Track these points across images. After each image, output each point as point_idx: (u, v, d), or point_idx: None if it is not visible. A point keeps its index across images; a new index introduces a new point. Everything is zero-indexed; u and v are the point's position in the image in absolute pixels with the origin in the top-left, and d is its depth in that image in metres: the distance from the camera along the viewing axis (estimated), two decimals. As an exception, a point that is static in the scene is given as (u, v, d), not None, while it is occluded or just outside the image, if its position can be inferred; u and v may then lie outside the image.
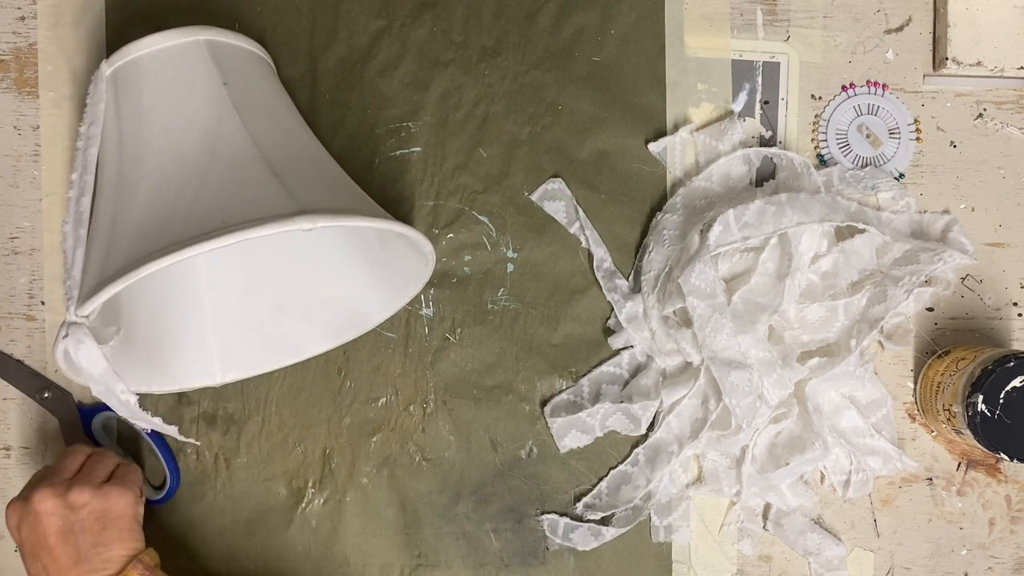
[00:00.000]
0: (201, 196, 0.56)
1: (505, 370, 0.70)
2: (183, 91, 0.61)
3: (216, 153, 0.58)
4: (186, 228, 0.54)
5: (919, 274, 0.66)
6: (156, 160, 0.58)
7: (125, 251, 0.54)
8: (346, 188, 0.63)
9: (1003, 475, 0.71)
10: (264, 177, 0.58)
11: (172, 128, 0.60)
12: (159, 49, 0.62)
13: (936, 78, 0.73)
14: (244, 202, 0.56)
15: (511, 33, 0.72)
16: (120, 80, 0.62)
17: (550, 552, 0.70)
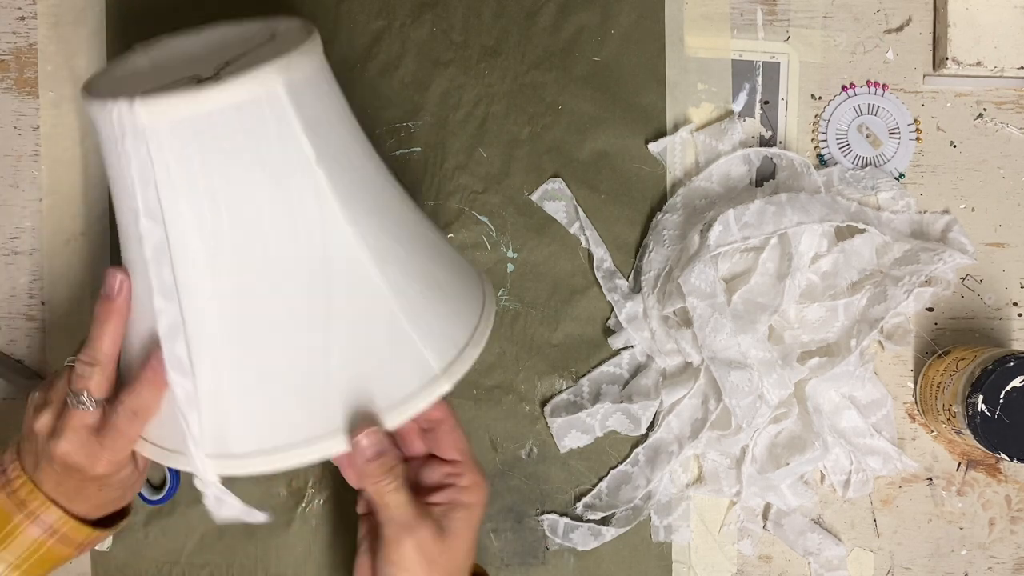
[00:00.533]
0: (334, 366, 0.47)
1: (505, 370, 0.70)
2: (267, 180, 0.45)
3: (333, 290, 0.47)
4: (328, 415, 0.47)
5: (919, 274, 0.66)
6: (259, 294, 0.46)
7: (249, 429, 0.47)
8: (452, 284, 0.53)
9: (1003, 475, 0.71)
10: (396, 324, 0.49)
11: (267, 243, 0.46)
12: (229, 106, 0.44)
13: (936, 78, 0.73)
14: (379, 366, 0.48)
15: (511, 33, 0.72)
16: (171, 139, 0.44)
17: (550, 552, 0.70)
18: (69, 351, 0.70)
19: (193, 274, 0.46)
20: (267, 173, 0.45)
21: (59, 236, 0.71)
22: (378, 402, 0.49)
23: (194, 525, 0.69)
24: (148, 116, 0.43)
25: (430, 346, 0.50)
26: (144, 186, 0.44)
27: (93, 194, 0.70)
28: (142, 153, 0.44)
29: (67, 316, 0.70)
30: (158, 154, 0.44)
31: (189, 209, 0.45)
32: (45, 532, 0.52)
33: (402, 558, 0.50)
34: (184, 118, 0.43)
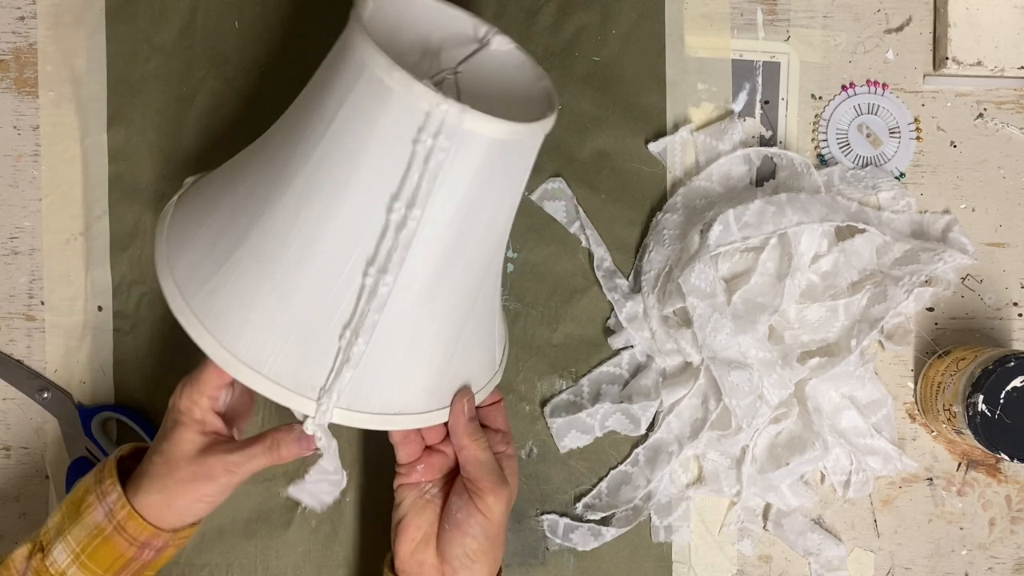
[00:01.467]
0: (457, 355, 0.55)
1: (505, 370, 0.70)
2: (508, 199, 0.53)
3: (481, 291, 0.55)
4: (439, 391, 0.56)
5: (919, 274, 0.66)
6: (458, 285, 0.53)
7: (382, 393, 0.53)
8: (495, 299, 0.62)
9: (1003, 475, 0.71)
10: (494, 325, 0.58)
11: (485, 244, 0.53)
12: (518, 139, 0.50)
13: (936, 78, 0.73)
14: (479, 361, 0.58)
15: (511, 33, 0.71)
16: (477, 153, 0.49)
17: (550, 552, 0.70)
18: (68, 351, 0.70)
19: (416, 260, 0.50)
20: (508, 192, 0.53)
21: (59, 236, 0.71)
22: (472, 383, 0.58)
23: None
24: (472, 126, 0.48)
25: (500, 343, 0.61)
26: (421, 176, 0.48)
27: (93, 194, 0.70)
28: (443, 151, 0.48)
29: (67, 316, 0.70)
30: (459, 156, 0.48)
31: (447, 205, 0.50)
32: (105, 516, 0.55)
33: (492, 507, 0.57)
34: (492, 137, 0.49)
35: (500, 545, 0.59)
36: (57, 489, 0.70)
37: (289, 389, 0.52)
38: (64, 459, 0.69)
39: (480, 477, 0.57)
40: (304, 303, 0.51)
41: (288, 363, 0.52)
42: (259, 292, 0.52)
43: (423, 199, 0.48)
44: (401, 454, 0.61)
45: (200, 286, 0.53)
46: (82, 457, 0.69)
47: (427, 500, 0.60)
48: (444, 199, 0.49)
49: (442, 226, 0.50)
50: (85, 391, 0.70)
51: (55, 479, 0.70)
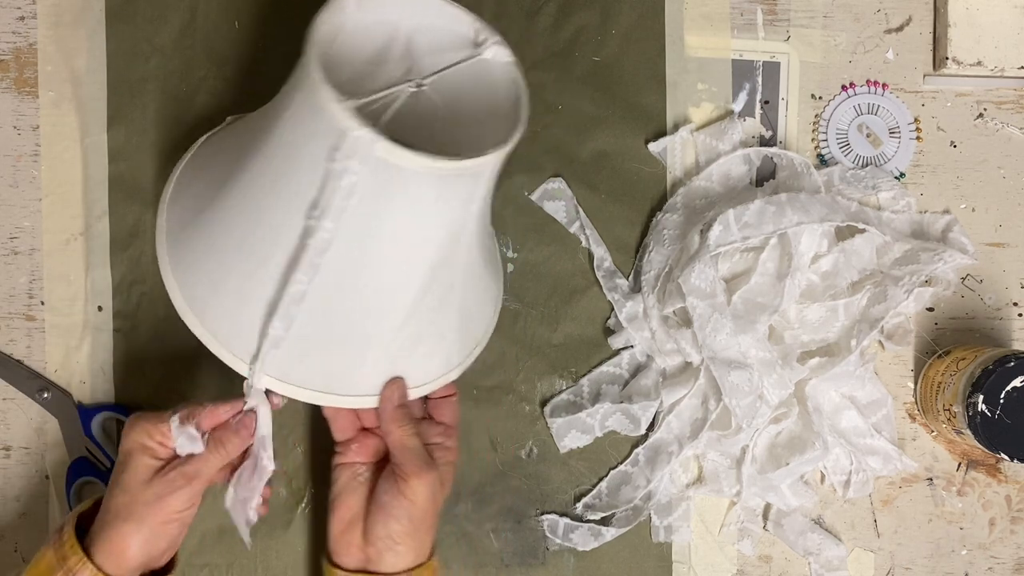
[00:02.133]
0: (394, 348, 0.57)
1: (505, 370, 0.70)
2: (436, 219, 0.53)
3: (427, 296, 0.56)
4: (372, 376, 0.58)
5: (919, 274, 0.66)
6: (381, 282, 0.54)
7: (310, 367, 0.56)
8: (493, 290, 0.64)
9: (1003, 475, 0.71)
10: (450, 329, 0.59)
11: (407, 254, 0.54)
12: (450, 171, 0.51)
13: (936, 78, 0.73)
14: (424, 357, 0.59)
15: (511, 33, 0.72)
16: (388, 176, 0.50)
17: (550, 552, 0.70)
18: (68, 351, 0.70)
19: (334, 265, 0.52)
20: (437, 215, 0.52)
21: (59, 236, 0.71)
22: (411, 377, 0.59)
23: (194, 525, 0.69)
24: (385, 155, 0.48)
25: (459, 346, 0.61)
26: (337, 194, 0.50)
27: (93, 194, 0.70)
28: (355, 173, 0.49)
29: (67, 316, 0.70)
30: (367, 180, 0.49)
31: (361, 218, 0.51)
32: None
33: (416, 490, 0.58)
34: (407, 168, 0.49)
35: (426, 530, 0.59)
36: (57, 489, 0.70)
37: (224, 347, 0.56)
38: (64, 459, 0.69)
39: (405, 461, 0.58)
40: (241, 277, 0.55)
41: (228, 326, 0.56)
42: (208, 261, 0.57)
43: (336, 214, 0.50)
44: (335, 431, 0.63)
45: (178, 247, 0.59)
46: (82, 457, 0.69)
47: (360, 482, 0.61)
48: (359, 215, 0.51)
49: (358, 239, 0.52)
50: (85, 391, 0.70)
51: (55, 479, 0.70)
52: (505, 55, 0.58)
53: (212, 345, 0.57)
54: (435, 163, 0.49)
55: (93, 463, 0.69)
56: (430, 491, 0.58)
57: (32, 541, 0.70)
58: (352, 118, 0.48)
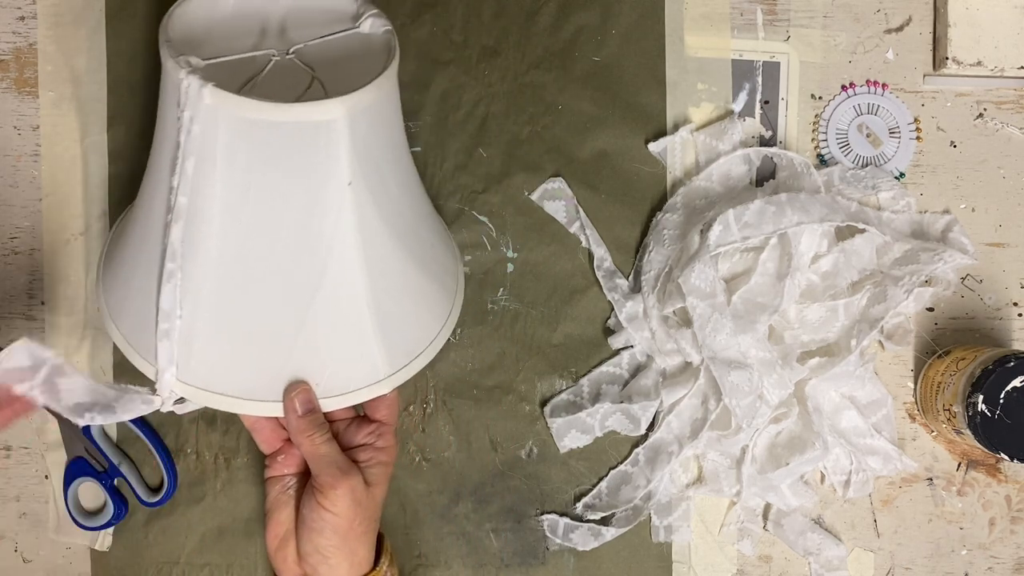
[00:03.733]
0: (298, 347, 0.54)
1: (505, 370, 0.70)
2: (300, 187, 0.49)
3: (321, 286, 0.52)
4: (279, 380, 0.54)
5: (919, 274, 0.66)
6: (259, 266, 0.51)
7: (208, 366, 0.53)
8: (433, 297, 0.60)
9: (1003, 475, 0.71)
10: (364, 329, 0.54)
11: (280, 235, 0.51)
12: (287, 123, 0.47)
13: (936, 78, 0.73)
14: (337, 360, 0.55)
15: (511, 33, 0.72)
16: (225, 129, 0.48)
17: (550, 552, 0.70)
18: (68, 351, 0.70)
19: (201, 235, 0.50)
20: (301, 182, 0.49)
21: (59, 236, 0.71)
22: (324, 385, 0.55)
23: (194, 525, 0.69)
24: (214, 102, 0.46)
25: (386, 353, 0.56)
26: (188, 155, 0.48)
27: (93, 194, 0.70)
28: (196, 129, 0.47)
29: (67, 316, 0.70)
30: (210, 134, 0.47)
31: (222, 186, 0.49)
32: None
33: (335, 501, 0.55)
34: (244, 118, 0.47)
35: (357, 538, 0.57)
36: (57, 489, 0.70)
37: (136, 352, 0.55)
38: (64, 459, 0.69)
39: (318, 472, 0.56)
40: (141, 277, 0.54)
41: (136, 327, 0.55)
42: (121, 265, 0.56)
43: (186, 174, 0.48)
44: (259, 442, 0.61)
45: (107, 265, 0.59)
46: (80, 457, 0.69)
47: (289, 495, 0.60)
48: (209, 177, 0.48)
49: (222, 209, 0.49)
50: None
51: (55, 479, 0.70)
52: (381, 24, 0.56)
53: (125, 349, 0.55)
54: (265, 107, 0.46)
55: (90, 463, 0.69)
56: (350, 499, 0.56)
57: (32, 541, 0.70)
58: (183, 69, 0.46)
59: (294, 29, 0.58)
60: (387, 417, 0.61)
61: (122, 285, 0.56)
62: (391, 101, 0.54)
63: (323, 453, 0.56)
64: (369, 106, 0.50)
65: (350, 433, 0.61)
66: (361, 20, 0.56)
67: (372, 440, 0.60)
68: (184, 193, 0.49)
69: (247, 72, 0.56)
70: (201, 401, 0.54)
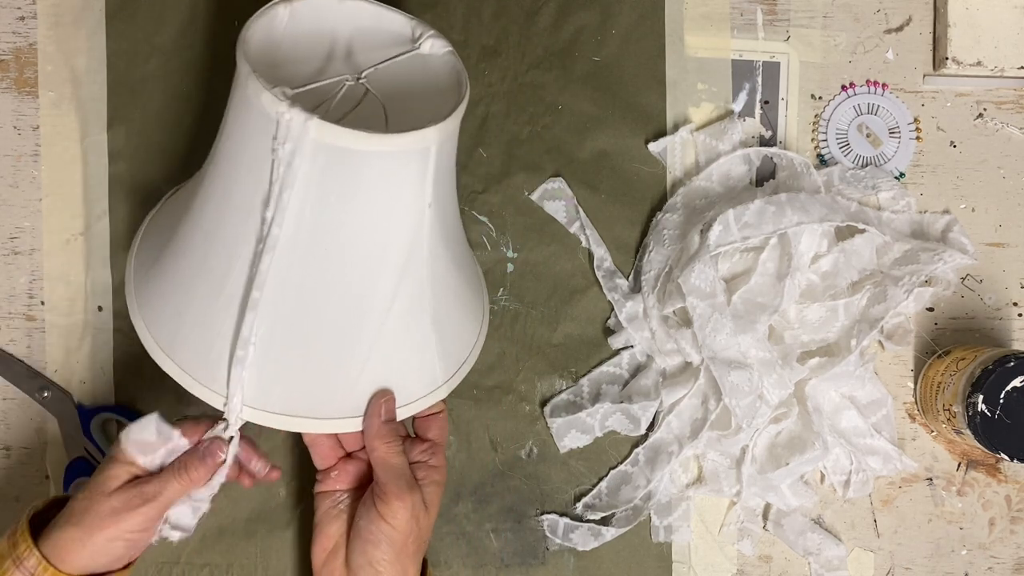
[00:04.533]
0: (370, 364, 0.54)
1: (505, 370, 0.70)
2: (387, 211, 0.51)
3: (396, 301, 0.54)
4: (352, 396, 0.55)
5: (919, 274, 0.66)
6: (338, 288, 0.52)
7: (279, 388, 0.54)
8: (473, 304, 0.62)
9: (1003, 475, 0.71)
10: (427, 340, 0.56)
11: (360, 257, 0.52)
12: (389, 152, 0.49)
13: (936, 78, 0.73)
14: (404, 372, 0.56)
15: (511, 33, 0.72)
16: (326, 160, 0.49)
17: (550, 552, 0.70)
18: (68, 351, 0.70)
19: (284, 263, 0.51)
20: (388, 205, 0.51)
21: (59, 236, 0.71)
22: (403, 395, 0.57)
23: (194, 525, 0.69)
24: (319, 136, 0.47)
25: (442, 361, 0.58)
26: (284, 187, 0.49)
27: (93, 194, 0.70)
28: (296, 161, 0.48)
29: (67, 316, 0.70)
30: (310, 167, 0.48)
31: (310, 215, 0.50)
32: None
33: (396, 513, 0.55)
34: (348, 149, 0.48)
35: (409, 556, 0.56)
36: (56, 489, 0.69)
37: (196, 381, 0.54)
38: (64, 459, 0.69)
39: (387, 481, 0.56)
40: (203, 302, 0.54)
41: (196, 357, 0.54)
42: (172, 293, 0.56)
43: (283, 207, 0.49)
44: (315, 458, 0.61)
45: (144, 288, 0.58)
46: (80, 457, 0.69)
47: (340, 509, 0.59)
48: (307, 207, 0.49)
49: (311, 234, 0.50)
50: (85, 391, 0.70)
51: (55, 479, 0.70)
52: (441, 46, 0.57)
53: (184, 380, 0.55)
54: (372, 138, 0.47)
55: (91, 463, 0.69)
56: (410, 514, 0.56)
57: (32, 541, 0.70)
58: (283, 102, 0.47)
59: (359, 49, 0.58)
60: (438, 436, 0.61)
61: (174, 315, 0.55)
62: (459, 124, 0.55)
63: (396, 464, 0.56)
64: (451, 133, 0.52)
65: (406, 451, 0.60)
66: (420, 41, 0.57)
67: (426, 458, 0.59)
68: (279, 224, 0.50)
69: (316, 96, 0.56)
70: (274, 424, 0.54)
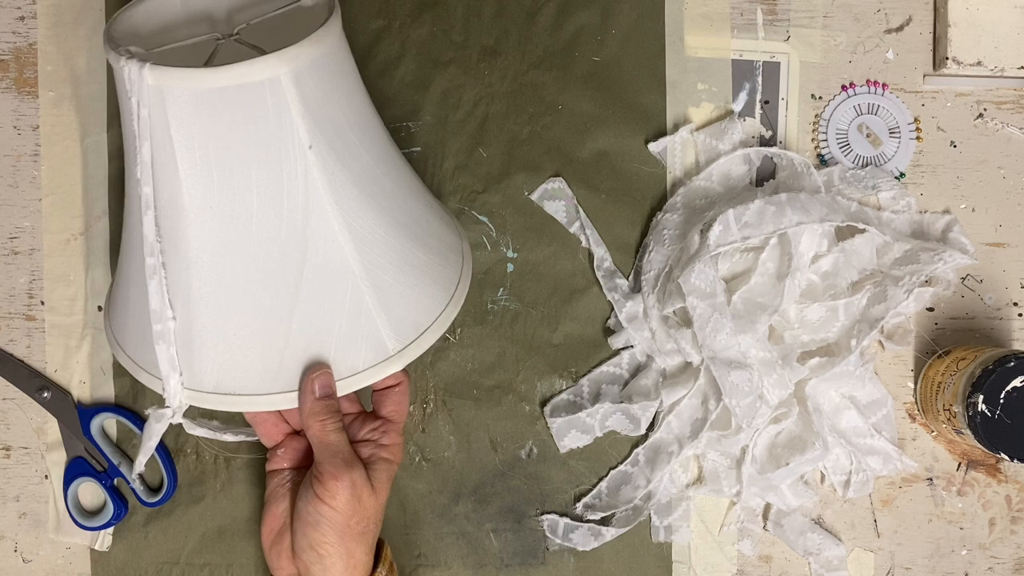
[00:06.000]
0: (295, 330, 0.52)
1: (505, 370, 0.70)
2: (262, 158, 0.48)
3: (306, 262, 0.51)
4: (282, 370, 0.52)
5: (919, 274, 0.66)
6: (241, 250, 0.50)
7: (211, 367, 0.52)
8: (432, 268, 0.57)
9: (1003, 475, 0.71)
10: (362, 305, 0.52)
11: (254, 213, 0.49)
12: (230, 87, 0.46)
13: (936, 78, 0.73)
14: (340, 339, 0.52)
15: (511, 33, 0.72)
16: (173, 106, 0.47)
17: (550, 552, 0.70)
18: (68, 351, 0.70)
19: (178, 227, 0.49)
20: (260, 150, 0.48)
21: (59, 236, 0.71)
22: (334, 368, 0.53)
23: (194, 525, 0.69)
24: (155, 81, 0.46)
25: (391, 327, 0.54)
26: (142, 141, 0.48)
27: (93, 194, 0.70)
28: (144, 113, 0.47)
29: (67, 316, 0.70)
30: (159, 116, 0.47)
31: (184, 170, 0.48)
32: None
33: (335, 494, 0.53)
34: (189, 90, 0.46)
35: (354, 538, 0.54)
36: (57, 489, 0.70)
37: (141, 367, 0.54)
38: (63, 459, 0.69)
39: (322, 460, 0.53)
40: (133, 288, 0.53)
41: (137, 341, 0.54)
42: (119, 285, 0.56)
43: (144, 162, 0.48)
44: (261, 436, 0.59)
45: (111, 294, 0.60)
46: (80, 457, 0.69)
47: (287, 489, 0.58)
48: (168, 161, 0.48)
49: (191, 192, 0.48)
50: (85, 391, 0.70)
51: (55, 479, 0.70)
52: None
53: (131, 368, 0.54)
54: (206, 73, 0.45)
55: (90, 463, 0.69)
56: (350, 494, 0.53)
57: (32, 541, 0.70)
58: (122, 56, 0.47)
59: (240, 16, 0.58)
60: (393, 413, 0.59)
61: (122, 306, 0.56)
62: (340, 60, 0.52)
63: (331, 441, 0.54)
64: (314, 62, 0.48)
65: (354, 428, 0.59)
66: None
67: (376, 436, 0.58)
68: (147, 183, 0.48)
69: (198, 63, 0.55)
70: (210, 404, 0.53)
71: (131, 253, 0.53)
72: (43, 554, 0.70)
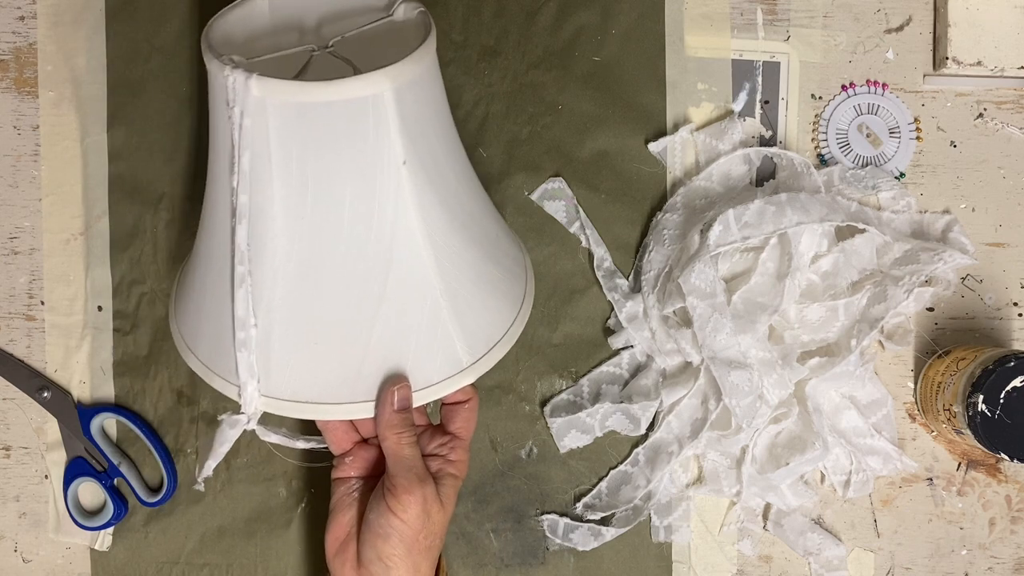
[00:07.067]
0: (374, 342, 0.52)
1: (505, 370, 0.70)
2: (356, 172, 0.49)
3: (390, 275, 0.51)
4: (360, 380, 0.53)
5: (919, 274, 0.66)
6: (327, 261, 0.50)
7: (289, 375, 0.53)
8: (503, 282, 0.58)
9: (1003, 475, 0.71)
10: (439, 318, 0.53)
11: (343, 225, 0.50)
12: (334, 102, 0.47)
13: (936, 78, 0.73)
14: (417, 354, 0.53)
15: (511, 33, 0.72)
16: (276, 118, 0.47)
17: (550, 552, 0.70)
18: (68, 351, 0.70)
19: (266, 237, 0.50)
20: (356, 164, 0.49)
21: (59, 236, 0.71)
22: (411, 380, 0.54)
23: (194, 525, 0.69)
24: (260, 93, 0.46)
25: (465, 341, 0.55)
26: (243, 151, 0.48)
27: (93, 194, 0.70)
28: (247, 123, 0.47)
29: (67, 316, 0.70)
30: (260, 126, 0.47)
31: (279, 180, 0.48)
32: None
33: (407, 507, 0.53)
34: (292, 103, 0.46)
35: (422, 552, 0.54)
36: (57, 489, 0.70)
37: (217, 375, 0.54)
38: (63, 459, 0.69)
39: (396, 473, 0.54)
40: (212, 295, 0.53)
41: (213, 349, 0.54)
42: (192, 290, 0.56)
43: (243, 171, 0.48)
44: (330, 444, 0.59)
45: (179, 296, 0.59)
46: (80, 457, 0.69)
47: (354, 498, 0.57)
48: (264, 171, 0.48)
49: (284, 203, 0.49)
50: (85, 391, 0.70)
51: (55, 479, 0.70)
52: (413, 8, 0.55)
53: (204, 373, 0.54)
54: (313, 87, 0.46)
55: (90, 463, 0.69)
56: (421, 508, 0.53)
57: (32, 541, 0.70)
58: (227, 66, 0.47)
59: (330, 28, 0.58)
60: (461, 430, 0.59)
61: (195, 311, 0.55)
62: (435, 79, 0.53)
63: (406, 455, 0.54)
64: (413, 80, 0.49)
65: (422, 441, 0.58)
66: (394, 8, 0.56)
67: (444, 452, 0.58)
68: (244, 191, 0.49)
69: (290, 73, 0.56)
70: (287, 412, 0.53)
71: (212, 260, 0.53)
72: (43, 554, 0.70)
